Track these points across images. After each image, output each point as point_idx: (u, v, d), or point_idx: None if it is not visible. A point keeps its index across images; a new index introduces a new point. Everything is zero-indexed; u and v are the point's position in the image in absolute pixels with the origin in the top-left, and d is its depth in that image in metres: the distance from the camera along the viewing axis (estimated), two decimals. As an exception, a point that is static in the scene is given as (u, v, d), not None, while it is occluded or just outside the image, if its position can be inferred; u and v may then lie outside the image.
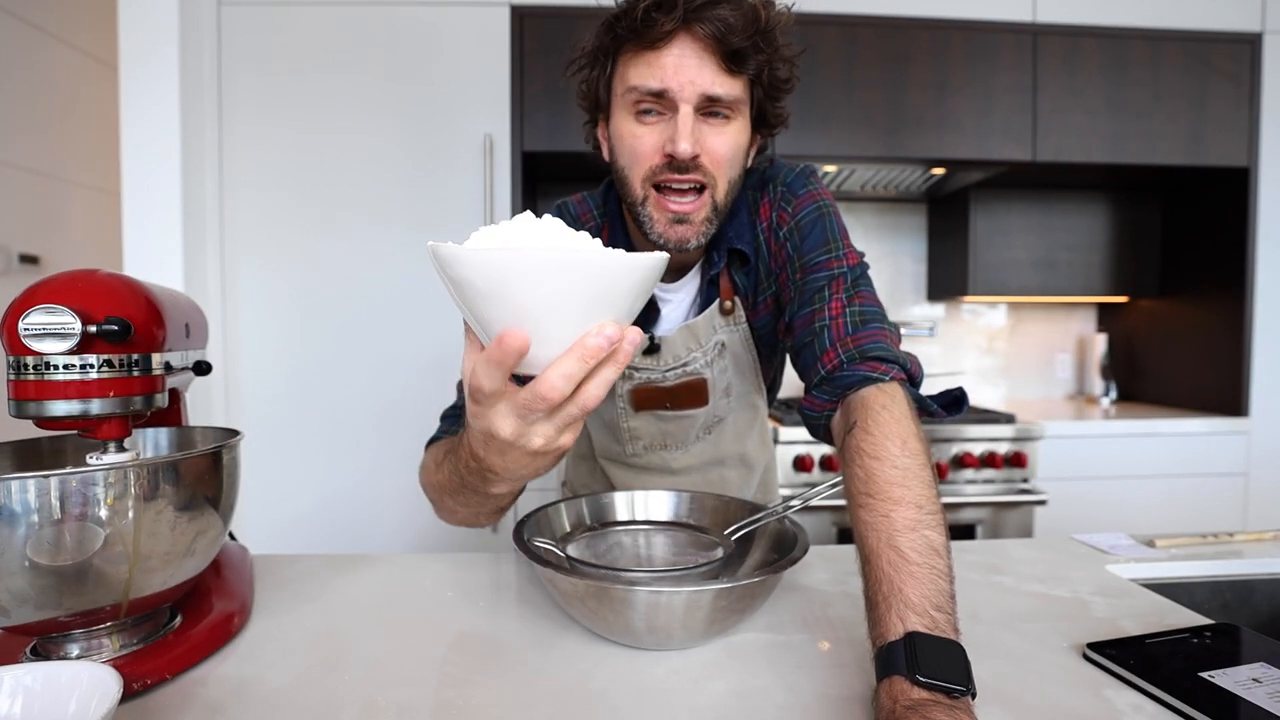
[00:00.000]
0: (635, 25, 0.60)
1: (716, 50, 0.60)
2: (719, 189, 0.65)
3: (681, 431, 0.83)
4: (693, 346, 0.74)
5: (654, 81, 0.61)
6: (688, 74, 0.60)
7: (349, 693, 0.52)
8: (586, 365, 0.39)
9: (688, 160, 0.61)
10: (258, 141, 1.68)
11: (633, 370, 0.77)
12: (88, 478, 0.47)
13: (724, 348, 0.76)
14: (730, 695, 0.51)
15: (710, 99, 0.62)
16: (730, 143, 0.64)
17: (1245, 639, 0.57)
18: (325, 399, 1.71)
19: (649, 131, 0.63)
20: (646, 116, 0.63)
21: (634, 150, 0.64)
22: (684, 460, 0.87)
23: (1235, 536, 0.86)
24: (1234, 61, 1.88)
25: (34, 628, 0.50)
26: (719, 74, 0.61)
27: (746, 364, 0.80)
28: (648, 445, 0.84)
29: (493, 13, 1.69)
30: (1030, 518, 1.74)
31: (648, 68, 0.61)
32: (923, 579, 0.45)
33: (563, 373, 0.39)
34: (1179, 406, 2.13)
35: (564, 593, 0.59)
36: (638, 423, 0.81)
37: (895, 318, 2.33)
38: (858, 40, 1.78)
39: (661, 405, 0.78)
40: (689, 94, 0.61)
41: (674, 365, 0.74)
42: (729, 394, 0.82)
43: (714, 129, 0.63)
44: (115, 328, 0.51)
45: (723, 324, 0.75)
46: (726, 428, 0.87)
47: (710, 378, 0.76)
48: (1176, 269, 2.17)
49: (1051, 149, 1.84)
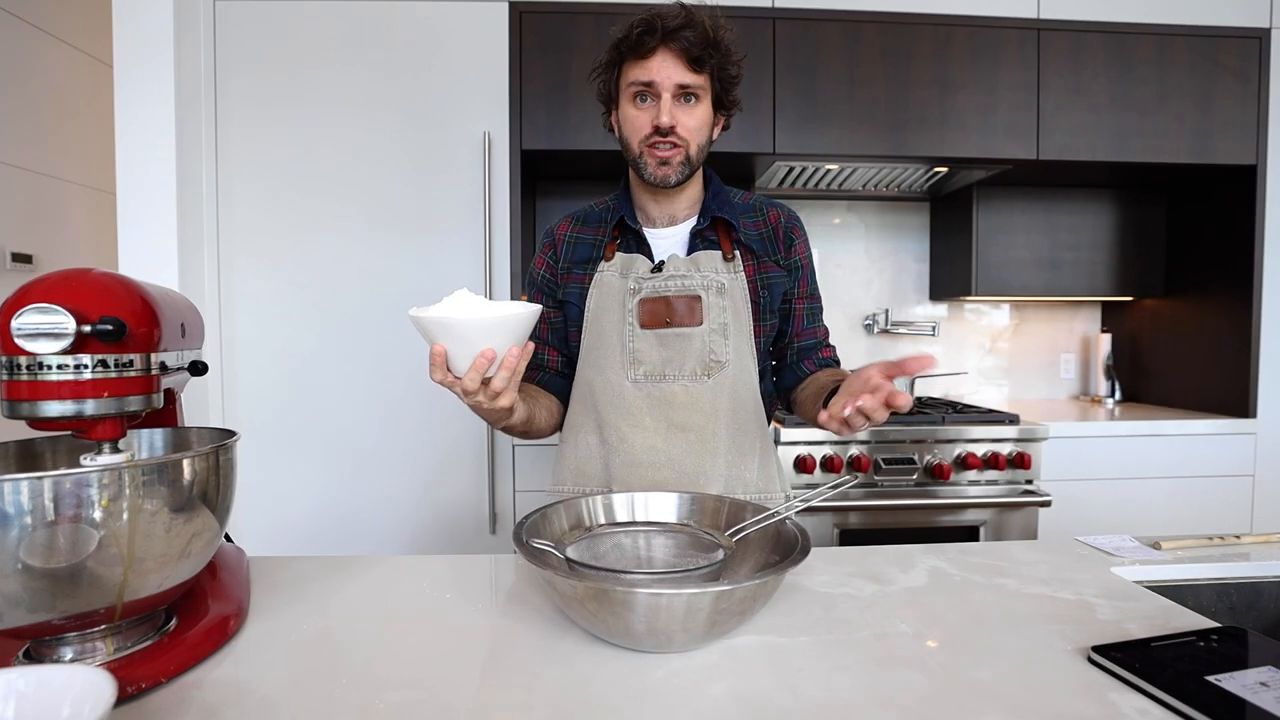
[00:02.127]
0: (632, 43, 0.90)
1: (684, 56, 0.89)
2: (691, 147, 0.94)
3: (679, 357, 0.96)
4: (691, 270, 0.97)
5: (645, 76, 0.91)
6: (666, 72, 0.90)
7: (346, 696, 0.51)
8: (479, 372, 0.71)
9: (667, 129, 0.91)
10: (253, 140, 1.68)
11: (640, 283, 0.97)
12: (82, 479, 0.47)
13: (724, 289, 0.97)
14: (731, 698, 0.51)
15: (682, 87, 0.91)
16: (700, 118, 0.93)
17: (1252, 642, 0.56)
18: (322, 399, 1.71)
19: (642, 112, 0.93)
20: (640, 102, 0.93)
21: (633, 124, 0.94)
22: (684, 398, 0.96)
23: (1241, 538, 0.85)
24: (1241, 58, 1.86)
25: (27, 631, 0.49)
26: (687, 71, 0.90)
27: (743, 309, 0.99)
28: (649, 373, 0.96)
29: (492, 9, 1.69)
30: (1034, 519, 1.73)
31: (641, 69, 0.91)
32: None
33: (470, 377, 0.72)
34: (1184, 407, 2.12)
35: (563, 595, 0.58)
36: (643, 343, 0.97)
37: (897, 318, 2.32)
38: (860, 37, 1.77)
39: (663, 321, 0.96)
40: (668, 85, 0.90)
41: (674, 277, 0.97)
42: (726, 334, 0.97)
43: (686, 109, 0.92)
44: (110, 327, 0.50)
45: (723, 268, 0.98)
46: (725, 381, 0.96)
47: (706, 299, 0.96)
48: (1182, 268, 2.16)
49: (1055, 147, 1.83)
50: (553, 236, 1.05)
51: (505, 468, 1.72)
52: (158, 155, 1.54)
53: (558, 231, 1.05)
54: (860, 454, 1.69)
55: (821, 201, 2.28)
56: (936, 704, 0.50)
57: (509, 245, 1.69)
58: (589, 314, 0.99)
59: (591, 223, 1.04)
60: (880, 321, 2.30)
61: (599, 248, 1.01)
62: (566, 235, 1.04)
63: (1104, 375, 2.26)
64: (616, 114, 0.98)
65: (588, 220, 1.05)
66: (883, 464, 1.68)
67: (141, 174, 1.54)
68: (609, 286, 0.98)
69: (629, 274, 0.97)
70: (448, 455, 1.72)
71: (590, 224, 1.04)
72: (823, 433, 1.68)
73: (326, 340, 1.70)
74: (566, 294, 1.01)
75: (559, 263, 1.02)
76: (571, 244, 1.03)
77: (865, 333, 2.32)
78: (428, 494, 1.72)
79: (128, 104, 1.53)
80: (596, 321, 0.99)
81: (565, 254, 1.03)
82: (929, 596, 0.70)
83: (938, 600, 0.69)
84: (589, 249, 1.02)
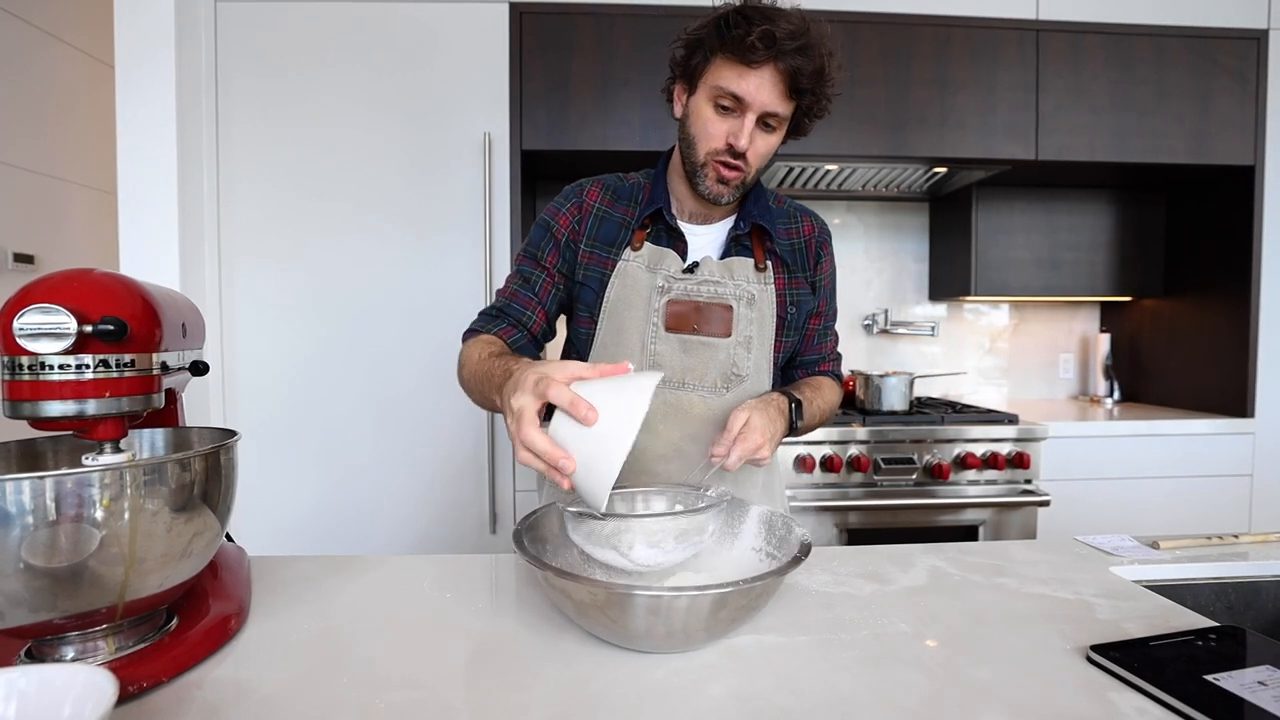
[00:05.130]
0: (739, 43, 0.79)
1: (786, 83, 0.81)
2: (751, 173, 0.89)
3: (701, 367, 0.91)
4: (725, 277, 0.92)
5: (739, 90, 0.82)
6: (762, 96, 0.82)
7: (347, 696, 0.51)
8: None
9: (741, 152, 0.85)
10: (254, 139, 1.68)
11: (671, 282, 0.91)
12: (83, 479, 0.47)
13: (754, 300, 0.93)
14: (731, 698, 0.51)
15: (769, 114, 0.84)
16: (770, 146, 0.88)
17: (1251, 642, 0.56)
18: (323, 398, 1.71)
19: (721, 122, 0.85)
20: (722, 110, 0.84)
21: (707, 130, 0.86)
22: (700, 410, 0.91)
23: (1240, 538, 0.85)
24: (1239, 59, 1.86)
25: (28, 630, 0.49)
26: (782, 99, 0.83)
27: (769, 322, 0.95)
28: (668, 379, 0.91)
29: (492, 9, 1.69)
30: (1033, 519, 1.74)
31: (737, 78, 0.82)
32: (812, 399, 0.94)
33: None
34: (1183, 407, 2.12)
35: (573, 600, 0.58)
36: (665, 347, 0.91)
37: (897, 318, 2.32)
38: (859, 37, 1.77)
39: (690, 327, 0.91)
40: (757, 108, 0.83)
41: (708, 282, 0.91)
42: (749, 348, 0.93)
43: (763, 136, 0.86)
44: (111, 327, 0.50)
45: (755, 278, 0.93)
46: (741, 395, 0.92)
47: (736, 310, 0.92)
48: (1181, 268, 2.16)
49: (1055, 147, 1.83)
50: (581, 200, 0.95)
51: (505, 468, 1.72)
52: (159, 155, 1.54)
53: (587, 198, 0.95)
54: (860, 454, 1.69)
55: (821, 201, 2.28)
56: (936, 703, 0.50)
57: (509, 245, 1.69)
58: (608, 304, 0.92)
59: (623, 199, 0.95)
60: (880, 321, 2.30)
61: (627, 231, 0.93)
62: (595, 207, 0.94)
63: (1103, 375, 2.27)
64: (687, 98, 0.89)
65: (619, 195, 0.96)
66: (882, 464, 1.68)
67: (142, 174, 1.54)
68: (634, 279, 0.91)
69: (657, 269, 0.91)
70: (448, 455, 1.72)
71: (621, 200, 0.95)
72: (823, 433, 1.68)
73: (327, 340, 1.70)
74: (586, 275, 0.93)
75: (583, 236, 0.93)
76: (599, 219, 0.94)
77: (865, 333, 2.32)
78: (428, 494, 1.72)
79: (129, 104, 1.53)
80: (616, 315, 0.92)
81: (591, 228, 0.94)
82: (928, 596, 0.70)
83: (937, 600, 0.69)
84: (616, 229, 0.93)
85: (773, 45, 0.78)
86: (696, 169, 0.88)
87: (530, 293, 0.94)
